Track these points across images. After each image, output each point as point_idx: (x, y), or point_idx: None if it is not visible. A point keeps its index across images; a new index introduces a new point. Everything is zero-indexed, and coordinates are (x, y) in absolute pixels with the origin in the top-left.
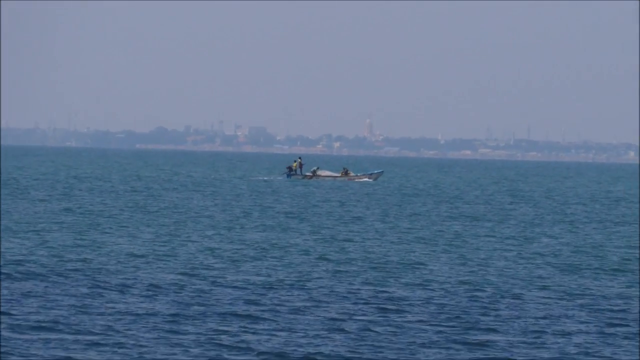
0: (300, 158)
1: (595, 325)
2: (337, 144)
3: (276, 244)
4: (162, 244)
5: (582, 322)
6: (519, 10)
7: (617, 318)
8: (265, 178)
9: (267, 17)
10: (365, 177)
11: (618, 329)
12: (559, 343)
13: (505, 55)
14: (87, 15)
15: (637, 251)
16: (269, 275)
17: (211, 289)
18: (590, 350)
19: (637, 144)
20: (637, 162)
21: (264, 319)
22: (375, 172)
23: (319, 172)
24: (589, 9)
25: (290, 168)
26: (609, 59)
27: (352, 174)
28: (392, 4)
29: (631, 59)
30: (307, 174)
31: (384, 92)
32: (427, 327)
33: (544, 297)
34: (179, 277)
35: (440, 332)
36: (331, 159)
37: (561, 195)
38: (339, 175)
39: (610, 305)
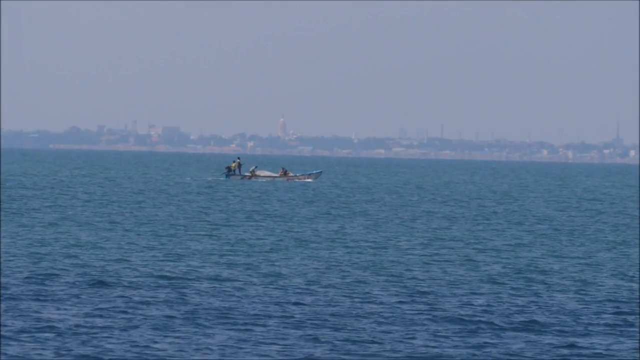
0: (239, 158)
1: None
2: (250, 143)
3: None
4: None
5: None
6: (430, 8)
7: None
8: (209, 178)
9: (179, 14)
10: (306, 177)
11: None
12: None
13: (417, 53)
14: None
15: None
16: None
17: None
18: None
19: (550, 143)
20: (552, 160)
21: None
22: (315, 172)
23: (258, 172)
24: (496, 9)
25: (229, 168)
26: (520, 60)
27: (291, 174)
28: (305, 3)
29: (541, 57)
30: (246, 174)
31: (298, 91)
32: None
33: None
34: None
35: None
36: (245, 159)
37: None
38: (278, 175)
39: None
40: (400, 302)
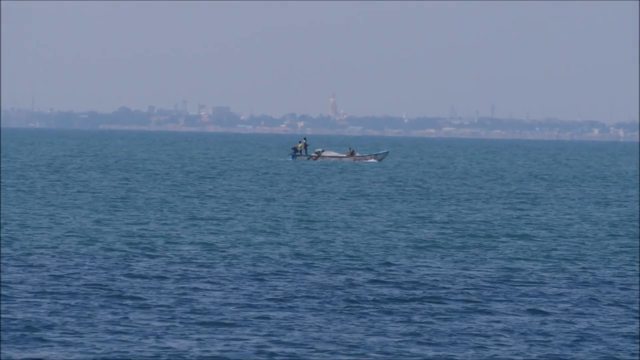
0: (305, 139)
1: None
2: (301, 123)
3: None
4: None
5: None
6: None
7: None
8: (281, 159)
9: None
10: (371, 158)
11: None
12: None
13: (468, 34)
14: None
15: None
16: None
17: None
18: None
19: (601, 122)
20: (603, 139)
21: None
22: (381, 152)
23: (324, 153)
24: None
25: (295, 149)
26: (571, 39)
27: (357, 154)
28: None
29: (592, 36)
30: (312, 154)
31: (348, 70)
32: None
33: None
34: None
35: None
36: (296, 139)
37: None
38: (345, 155)
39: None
40: (373, 280)
